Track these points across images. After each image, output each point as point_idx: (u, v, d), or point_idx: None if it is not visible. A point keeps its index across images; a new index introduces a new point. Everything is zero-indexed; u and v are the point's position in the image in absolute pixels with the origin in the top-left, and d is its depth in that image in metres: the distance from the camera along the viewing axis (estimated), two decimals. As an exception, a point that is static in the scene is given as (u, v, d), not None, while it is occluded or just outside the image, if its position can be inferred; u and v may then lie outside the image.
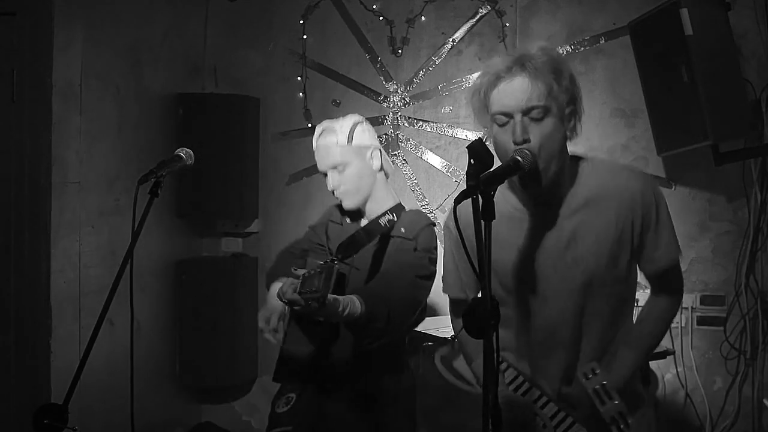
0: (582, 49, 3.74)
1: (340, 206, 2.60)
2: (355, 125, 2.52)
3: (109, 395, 3.43)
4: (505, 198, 1.99)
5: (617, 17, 3.63)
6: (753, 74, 3.35)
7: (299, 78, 4.08)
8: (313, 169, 4.04)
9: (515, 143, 1.84)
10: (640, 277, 2.07)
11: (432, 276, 2.44)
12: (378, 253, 2.44)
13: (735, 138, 3.19)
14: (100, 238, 3.65)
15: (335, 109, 4.05)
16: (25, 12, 3.47)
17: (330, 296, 2.05)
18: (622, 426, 1.90)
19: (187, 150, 2.31)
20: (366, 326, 2.24)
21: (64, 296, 3.49)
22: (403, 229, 2.47)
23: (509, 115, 1.86)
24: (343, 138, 2.49)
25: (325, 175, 2.51)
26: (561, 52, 3.79)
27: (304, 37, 4.08)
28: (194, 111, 3.93)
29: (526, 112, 1.85)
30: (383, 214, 2.50)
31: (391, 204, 2.56)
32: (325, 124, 2.54)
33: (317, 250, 2.61)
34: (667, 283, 2.07)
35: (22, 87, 3.49)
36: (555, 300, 1.97)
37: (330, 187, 2.50)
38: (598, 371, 1.94)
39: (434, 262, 2.45)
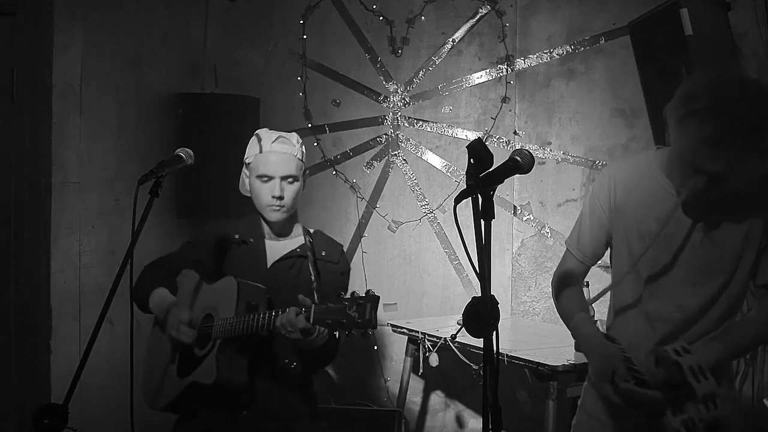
0: (582, 49, 3.74)
1: (242, 223, 2.54)
2: (302, 143, 2.51)
3: (109, 395, 3.44)
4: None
5: (617, 17, 3.63)
6: (753, 74, 3.35)
7: (299, 78, 4.08)
8: (313, 169, 4.04)
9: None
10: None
11: None
12: (315, 273, 2.43)
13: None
14: (100, 238, 3.65)
15: (334, 110, 4.05)
16: (25, 12, 3.48)
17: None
18: (711, 405, 1.93)
19: (187, 150, 2.31)
20: (324, 349, 2.27)
21: (64, 296, 3.49)
22: (324, 253, 2.49)
23: None
24: (298, 152, 2.47)
25: (265, 181, 2.42)
26: (561, 52, 3.79)
27: (304, 37, 4.07)
28: (194, 111, 3.93)
29: None
30: (304, 236, 2.50)
31: (299, 225, 2.56)
32: (272, 132, 2.49)
33: (197, 267, 2.49)
34: None
35: (22, 87, 3.49)
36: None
37: (276, 194, 2.40)
38: (690, 350, 1.97)
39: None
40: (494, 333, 1.61)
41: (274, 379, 2.39)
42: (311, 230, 2.57)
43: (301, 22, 4.08)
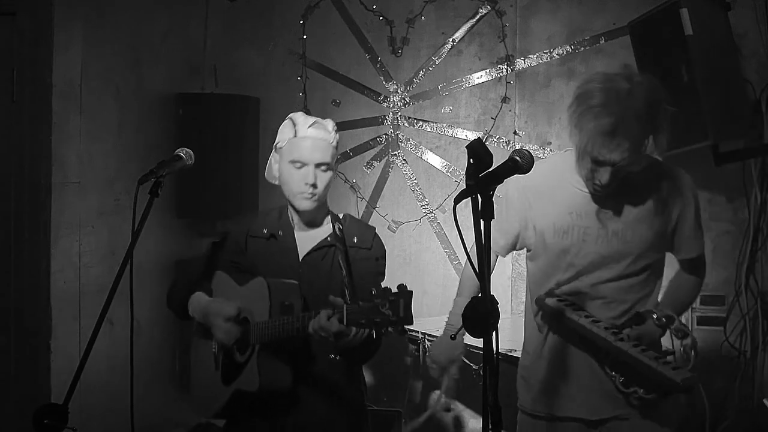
0: (582, 49, 3.74)
1: (269, 216, 2.44)
2: (336, 130, 2.38)
3: (109, 395, 3.43)
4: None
5: (617, 17, 3.63)
6: (753, 74, 3.35)
7: (299, 78, 4.08)
8: (313, 169, 4.04)
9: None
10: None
11: None
12: (345, 266, 2.33)
13: (735, 138, 3.19)
14: (100, 238, 3.65)
15: (334, 110, 4.05)
16: (25, 12, 3.47)
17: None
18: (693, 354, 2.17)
19: (187, 150, 2.30)
20: (365, 346, 2.18)
21: (64, 296, 3.49)
22: (355, 239, 2.37)
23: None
24: (333, 139, 2.33)
25: (299, 167, 2.28)
26: (561, 52, 3.79)
27: (304, 37, 4.07)
28: (194, 111, 3.93)
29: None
30: (333, 224, 2.38)
31: (327, 212, 2.44)
32: (308, 117, 2.35)
33: (228, 268, 2.40)
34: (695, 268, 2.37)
35: (22, 87, 3.49)
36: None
37: (310, 181, 2.26)
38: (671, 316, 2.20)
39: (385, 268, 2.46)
40: (494, 333, 1.61)
41: (317, 380, 2.31)
42: (340, 215, 2.44)
43: (301, 22, 4.08)
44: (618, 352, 2.15)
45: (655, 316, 2.19)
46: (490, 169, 1.67)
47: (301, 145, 2.29)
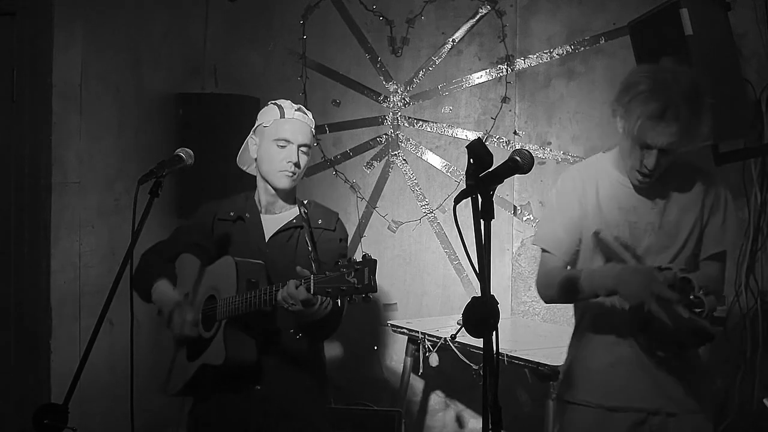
0: (582, 49, 3.75)
1: (235, 201, 2.55)
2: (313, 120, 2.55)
3: (109, 395, 3.44)
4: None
5: (617, 17, 3.63)
6: (753, 74, 3.35)
7: (299, 78, 4.08)
8: (312, 169, 4.04)
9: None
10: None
11: None
12: (311, 242, 2.43)
13: (735, 138, 3.19)
14: (100, 238, 3.65)
15: (334, 110, 4.05)
16: (25, 12, 3.48)
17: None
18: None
19: (187, 150, 2.32)
20: (328, 320, 2.27)
21: (64, 296, 3.49)
22: (320, 221, 2.49)
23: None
24: (313, 125, 2.51)
25: (282, 146, 2.42)
26: (561, 52, 3.79)
27: (304, 37, 4.08)
28: (194, 111, 3.93)
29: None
30: (299, 207, 2.50)
31: (293, 197, 2.55)
32: (290, 103, 2.51)
33: (194, 250, 2.50)
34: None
35: (22, 87, 3.49)
36: None
37: (293, 159, 2.41)
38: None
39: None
40: (494, 333, 1.61)
41: (282, 353, 2.39)
42: (305, 201, 2.56)
43: (301, 22, 4.08)
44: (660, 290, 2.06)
45: (695, 292, 2.09)
46: (490, 169, 1.67)
47: (286, 126, 2.44)
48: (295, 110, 2.48)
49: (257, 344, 2.32)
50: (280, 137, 2.43)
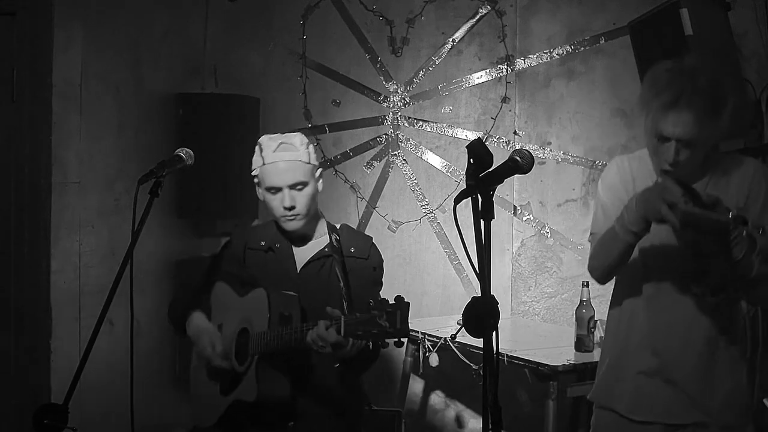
0: (582, 49, 3.75)
1: (266, 229, 2.47)
2: (309, 143, 2.40)
3: (109, 395, 3.43)
4: None
5: (617, 17, 3.63)
6: (753, 74, 3.35)
7: (299, 78, 4.08)
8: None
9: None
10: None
11: None
12: (343, 276, 2.36)
13: (735, 138, 3.19)
14: (100, 238, 3.65)
15: (334, 110, 4.05)
16: (25, 12, 3.47)
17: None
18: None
19: (187, 150, 2.31)
20: (363, 355, 2.19)
21: (64, 296, 3.49)
22: (352, 249, 2.41)
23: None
24: (304, 155, 2.35)
25: (273, 192, 2.33)
26: (561, 52, 3.79)
27: (304, 37, 4.08)
28: (194, 111, 3.93)
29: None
30: (329, 234, 2.42)
31: (324, 224, 2.48)
32: (275, 138, 2.38)
33: (228, 279, 2.45)
34: None
35: (22, 87, 3.49)
36: None
37: (287, 204, 2.31)
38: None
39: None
40: (494, 333, 1.61)
41: (315, 389, 2.33)
42: (337, 226, 2.48)
43: (301, 22, 4.08)
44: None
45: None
46: (490, 169, 1.67)
47: (271, 171, 2.32)
48: (276, 150, 2.33)
49: (290, 381, 2.25)
50: (268, 185, 2.34)
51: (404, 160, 4.01)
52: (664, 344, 2.18)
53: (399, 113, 4.02)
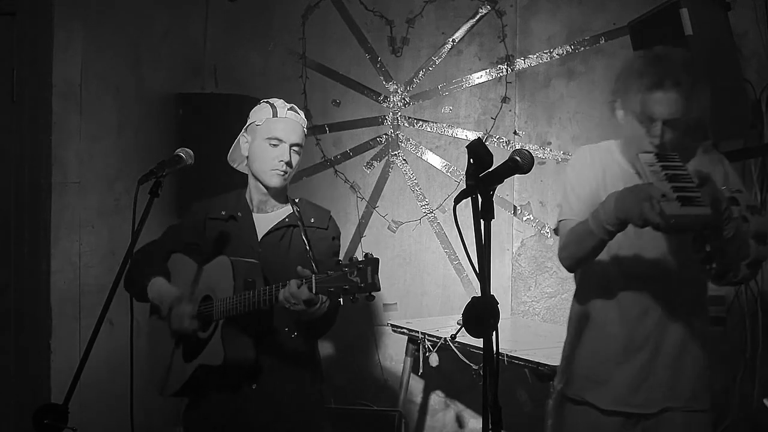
0: (582, 49, 3.75)
1: (228, 199, 2.53)
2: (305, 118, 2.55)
3: (109, 395, 3.43)
4: None
5: (617, 17, 3.63)
6: (753, 74, 3.35)
7: (299, 78, 4.08)
8: (312, 169, 4.05)
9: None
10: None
11: None
12: (307, 241, 2.43)
13: (735, 138, 3.19)
14: (100, 238, 3.64)
15: (334, 110, 4.05)
16: (25, 12, 3.47)
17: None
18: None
19: (187, 150, 2.32)
20: (324, 318, 2.27)
21: (64, 296, 3.49)
22: (312, 219, 2.49)
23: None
24: (305, 124, 2.51)
25: (275, 144, 2.41)
26: (561, 52, 3.79)
27: (304, 37, 4.08)
28: (194, 111, 3.93)
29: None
30: (291, 206, 2.49)
31: (285, 196, 2.54)
32: (285, 102, 2.50)
33: (186, 249, 2.49)
34: None
35: (22, 87, 3.49)
36: None
37: (285, 159, 2.40)
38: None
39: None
40: (494, 333, 1.61)
41: (279, 352, 2.39)
42: (296, 199, 2.55)
43: (301, 22, 4.08)
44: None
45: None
46: (490, 169, 1.67)
47: (279, 125, 2.44)
48: (288, 109, 2.48)
49: (255, 343, 2.32)
50: (272, 136, 2.42)
51: (404, 160, 4.01)
52: (638, 347, 2.22)
53: (399, 113, 4.02)
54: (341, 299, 2.05)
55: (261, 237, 2.45)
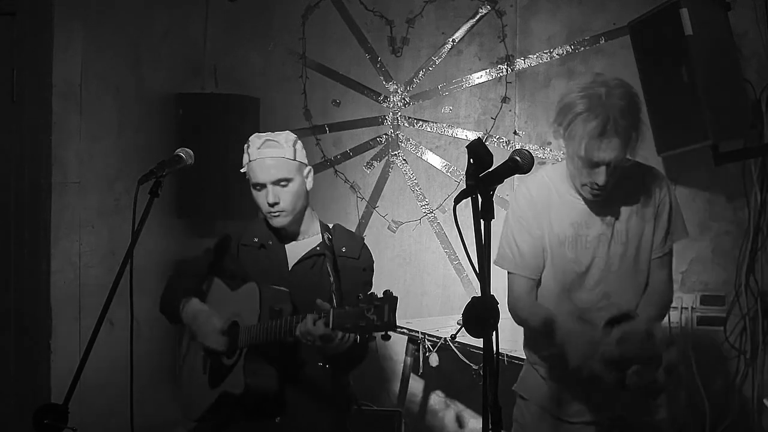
0: (582, 49, 3.74)
1: (259, 226, 2.50)
2: (296, 141, 2.43)
3: (109, 395, 3.44)
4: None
5: (617, 17, 3.63)
6: (753, 74, 3.35)
7: (299, 78, 4.08)
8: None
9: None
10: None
11: None
12: (333, 272, 2.38)
13: (735, 138, 3.19)
14: (100, 238, 3.65)
15: (334, 110, 4.05)
16: (25, 12, 3.48)
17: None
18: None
19: (187, 150, 2.32)
20: (352, 352, 2.21)
21: (64, 296, 3.49)
22: (344, 249, 2.43)
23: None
24: (289, 152, 2.39)
25: (259, 189, 2.37)
26: (561, 52, 3.79)
27: (304, 37, 4.08)
28: (194, 111, 3.93)
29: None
30: (322, 233, 2.44)
31: (317, 222, 2.50)
32: (262, 136, 2.42)
33: (220, 274, 2.49)
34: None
35: (22, 87, 3.49)
36: None
37: (270, 201, 2.34)
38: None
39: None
40: (494, 333, 1.61)
41: (304, 384, 2.34)
42: (330, 225, 2.51)
43: (302, 22, 4.08)
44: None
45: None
46: (490, 169, 1.67)
47: (255, 168, 2.37)
48: (259, 147, 2.38)
49: (278, 374, 2.27)
50: (253, 182, 2.39)
51: (404, 160, 4.01)
52: None
53: (399, 113, 4.02)
54: (358, 338, 2.04)
55: (291, 266, 2.42)
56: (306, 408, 2.34)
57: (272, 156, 2.37)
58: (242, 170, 2.45)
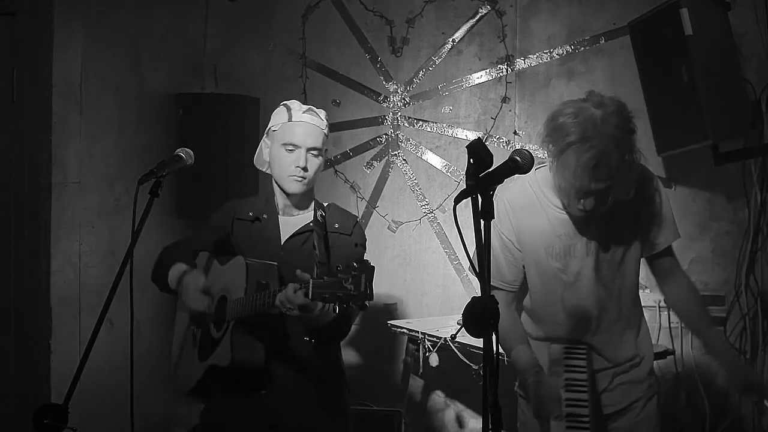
0: (582, 49, 3.74)
1: (256, 202, 2.52)
2: (327, 119, 2.48)
3: (109, 395, 3.43)
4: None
5: (617, 17, 3.63)
6: (753, 74, 3.35)
7: (299, 78, 4.08)
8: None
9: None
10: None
11: None
12: (319, 245, 2.38)
13: (735, 138, 3.19)
14: (100, 238, 3.65)
15: (334, 110, 4.05)
16: (25, 12, 3.47)
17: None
18: None
19: (187, 150, 2.32)
20: (334, 325, 2.22)
21: (64, 296, 3.49)
22: (336, 225, 2.45)
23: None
24: (325, 126, 2.44)
25: (291, 150, 2.37)
26: (561, 52, 3.79)
27: (304, 37, 4.08)
28: (194, 111, 3.93)
29: None
30: (315, 210, 2.45)
31: (313, 201, 2.51)
32: (303, 104, 2.46)
33: (214, 249, 2.48)
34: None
35: (22, 87, 3.49)
36: None
37: (301, 164, 2.35)
38: None
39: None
40: (494, 333, 1.61)
41: (292, 358, 2.36)
42: (325, 204, 2.52)
43: (302, 22, 4.08)
44: None
45: None
46: (490, 169, 1.67)
47: (295, 129, 2.39)
48: (304, 112, 2.42)
49: (265, 347, 2.28)
50: (287, 141, 2.38)
51: (404, 160, 4.01)
52: None
53: (399, 113, 4.02)
54: (336, 307, 2.01)
55: (284, 240, 2.43)
56: (291, 381, 2.37)
57: (314, 123, 2.40)
58: (273, 128, 2.44)
